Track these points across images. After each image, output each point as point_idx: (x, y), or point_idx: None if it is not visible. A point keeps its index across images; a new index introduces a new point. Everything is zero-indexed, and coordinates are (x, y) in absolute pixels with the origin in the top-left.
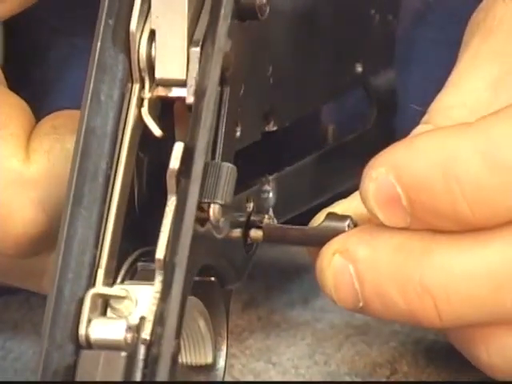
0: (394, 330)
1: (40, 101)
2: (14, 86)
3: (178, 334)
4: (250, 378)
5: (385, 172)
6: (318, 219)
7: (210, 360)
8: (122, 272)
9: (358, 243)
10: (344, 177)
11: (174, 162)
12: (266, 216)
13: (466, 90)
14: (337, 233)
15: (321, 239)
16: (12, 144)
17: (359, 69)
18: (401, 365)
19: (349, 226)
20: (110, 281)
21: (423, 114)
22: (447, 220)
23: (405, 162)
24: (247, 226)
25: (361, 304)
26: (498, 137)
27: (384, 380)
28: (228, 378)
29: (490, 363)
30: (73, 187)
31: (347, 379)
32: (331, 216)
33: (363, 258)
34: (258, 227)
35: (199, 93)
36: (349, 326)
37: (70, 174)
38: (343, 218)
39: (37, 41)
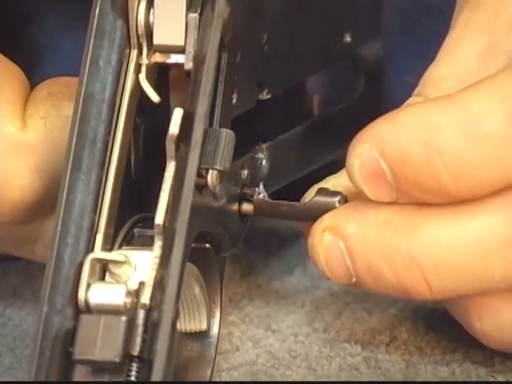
0: (394, 298)
1: (33, 67)
2: (8, 51)
3: (178, 299)
4: (249, 345)
5: (369, 148)
6: (310, 194)
7: (204, 327)
8: (120, 238)
9: (347, 219)
10: (334, 146)
11: (174, 128)
12: (257, 189)
13: (456, 60)
14: (327, 209)
15: (311, 215)
16: (8, 111)
17: (348, 39)
18: (400, 332)
19: (339, 201)
20: (108, 246)
21: (412, 84)
22: (431, 193)
23: (387, 137)
24: (241, 194)
25: (354, 279)
26: (477, 109)
27: (383, 346)
28: (227, 346)
29: (483, 331)
30: (72, 152)
31: (346, 346)
32: (322, 192)
33: (352, 234)
34: (249, 201)
35: (198, 59)
36: (348, 293)
37: (69, 138)
38: (334, 193)
39: (31, 7)
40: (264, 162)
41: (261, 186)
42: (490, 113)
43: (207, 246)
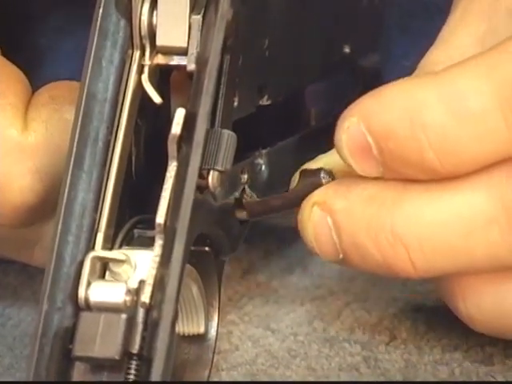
0: (394, 297)
1: (34, 69)
2: (9, 53)
3: (178, 299)
4: (249, 345)
5: (356, 122)
6: (295, 178)
7: (202, 330)
8: (120, 238)
9: (335, 195)
10: None
11: (176, 128)
12: (244, 195)
13: (454, 45)
14: (314, 188)
15: (301, 199)
16: (10, 114)
17: (347, 50)
18: (400, 331)
19: (323, 177)
20: (109, 246)
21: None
22: (416, 168)
23: (374, 111)
24: (241, 197)
25: (341, 256)
26: (462, 86)
27: (383, 346)
28: (226, 345)
29: (468, 314)
30: (74, 150)
31: (346, 346)
32: (305, 173)
33: (340, 209)
34: (240, 207)
35: (201, 60)
36: (348, 292)
37: (71, 137)
38: (316, 171)
39: (32, 9)
40: (263, 167)
41: (247, 190)
42: (475, 90)
43: (207, 249)
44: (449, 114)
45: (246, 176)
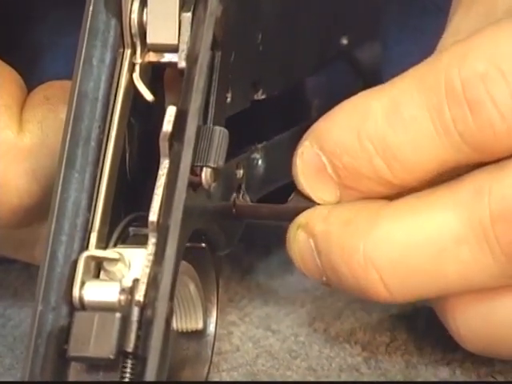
0: None
1: (33, 65)
2: (8, 52)
3: (172, 297)
4: (250, 346)
5: (309, 145)
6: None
7: (200, 326)
8: (114, 237)
9: (317, 218)
10: None
11: (167, 126)
12: (239, 195)
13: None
14: (305, 208)
15: (290, 215)
16: (5, 115)
17: (344, 41)
18: (400, 332)
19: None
20: (103, 245)
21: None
22: (371, 181)
23: (324, 130)
24: (237, 192)
25: (324, 278)
26: (398, 96)
27: (384, 346)
28: (227, 346)
29: (459, 334)
30: (66, 150)
31: (346, 347)
32: (298, 191)
33: (319, 233)
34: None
35: (191, 57)
36: (348, 293)
37: (63, 137)
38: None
39: (33, 9)
40: (260, 162)
41: (242, 187)
42: (408, 98)
43: (203, 245)
44: (387, 122)
45: (241, 171)
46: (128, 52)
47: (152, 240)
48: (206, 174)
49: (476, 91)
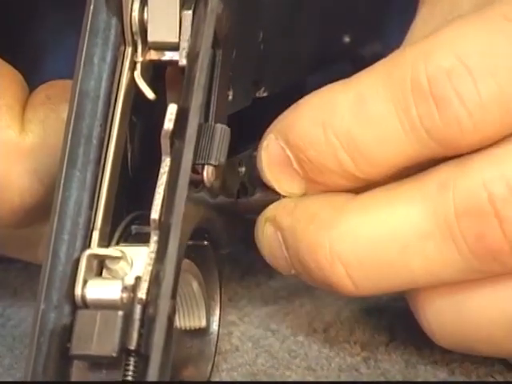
0: (393, 298)
1: (35, 64)
2: (9, 49)
3: (174, 294)
4: (249, 346)
5: (274, 138)
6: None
7: (203, 324)
8: (117, 235)
9: (283, 212)
10: None
11: (168, 123)
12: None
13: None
14: (272, 201)
15: (259, 209)
16: (7, 115)
17: (347, 39)
18: (399, 332)
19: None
20: (105, 243)
21: None
22: (336, 175)
23: (290, 123)
24: (241, 189)
25: (292, 271)
26: (364, 90)
27: (383, 346)
28: (227, 346)
29: (430, 329)
30: (67, 149)
31: (346, 346)
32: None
33: (286, 226)
34: None
35: (192, 55)
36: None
37: (64, 135)
38: None
39: (34, 8)
40: None
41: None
42: (374, 93)
43: (205, 243)
44: (353, 116)
45: (243, 169)
46: (129, 50)
47: (154, 238)
48: (207, 172)
49: (442, 87)
